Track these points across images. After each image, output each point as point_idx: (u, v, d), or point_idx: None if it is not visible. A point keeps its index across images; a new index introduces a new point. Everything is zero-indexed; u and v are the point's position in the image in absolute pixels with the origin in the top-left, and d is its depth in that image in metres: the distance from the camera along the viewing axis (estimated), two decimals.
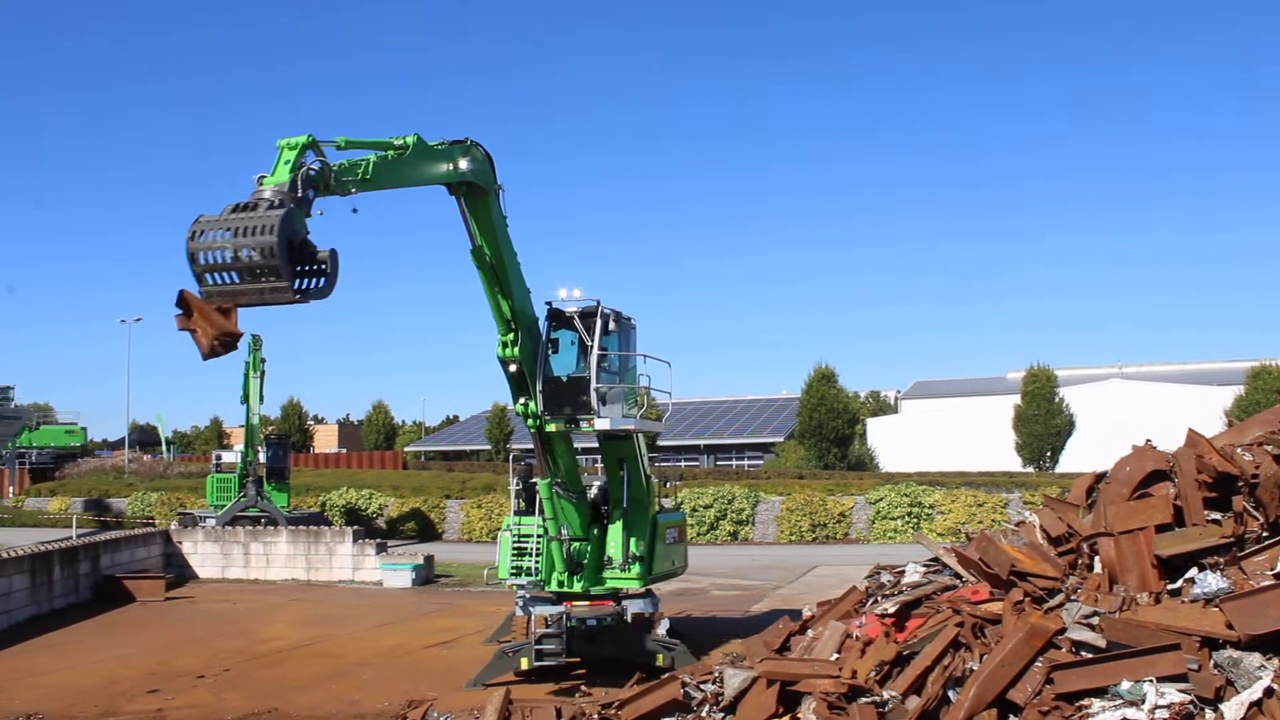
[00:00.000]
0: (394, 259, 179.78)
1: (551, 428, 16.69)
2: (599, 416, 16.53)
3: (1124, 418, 54.46)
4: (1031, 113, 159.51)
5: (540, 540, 17.66)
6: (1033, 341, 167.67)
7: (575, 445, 17.84)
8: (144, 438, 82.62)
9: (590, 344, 16.70)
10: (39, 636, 22.51)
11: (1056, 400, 55.63)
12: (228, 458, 43.45)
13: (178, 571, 32.15)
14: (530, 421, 16.77)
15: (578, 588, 17.46)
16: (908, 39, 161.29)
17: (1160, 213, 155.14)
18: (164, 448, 71.86)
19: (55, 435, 65.12)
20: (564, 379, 16.78)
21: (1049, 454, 55.15)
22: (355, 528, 34.47)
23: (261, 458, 39.87)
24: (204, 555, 32.85)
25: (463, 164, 14.84)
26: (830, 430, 56.97)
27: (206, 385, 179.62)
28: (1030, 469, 54.24)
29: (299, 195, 11.47)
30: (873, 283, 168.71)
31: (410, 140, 14.15)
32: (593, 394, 16.52)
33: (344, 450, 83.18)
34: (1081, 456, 48.27)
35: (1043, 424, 54.95)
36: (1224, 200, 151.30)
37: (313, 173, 11.78)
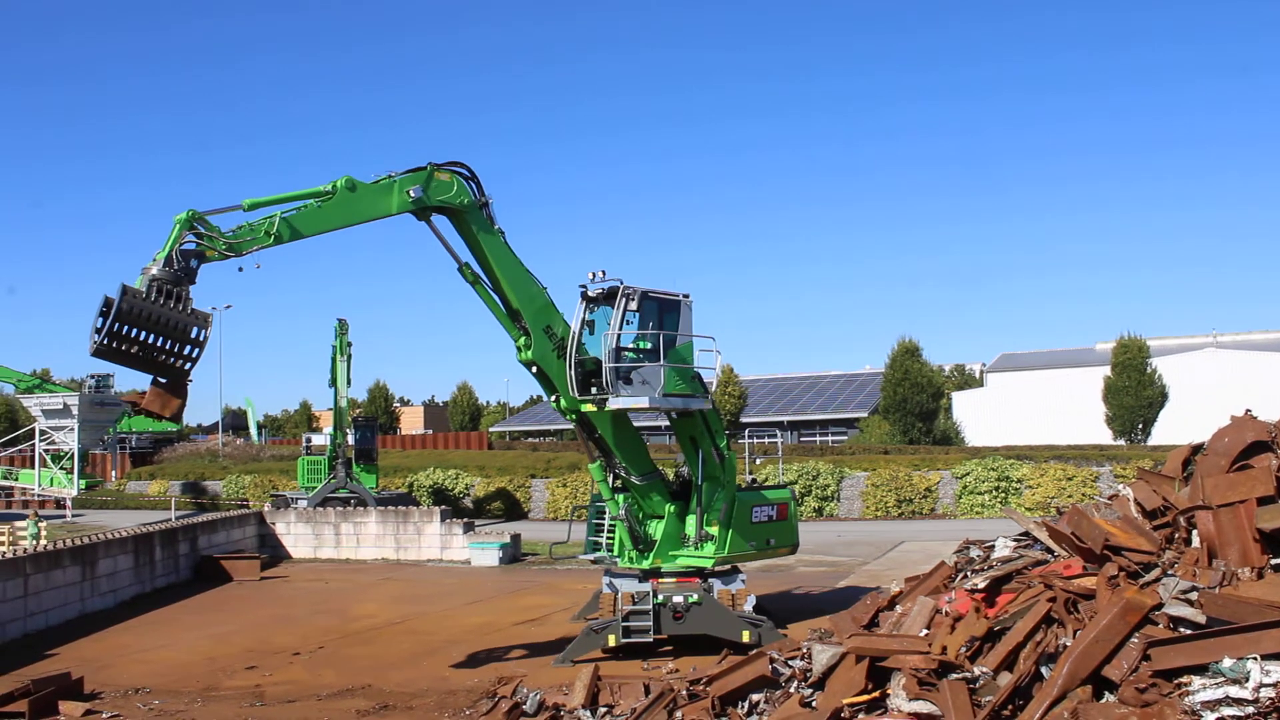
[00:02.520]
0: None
1: (585, 408, 16.82)
2: (614, 396, 16.55)
3: (1219, 388, 53.03)
4: (1114, 84, 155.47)
5: (612, 519, 17.92)
6: (1122, 312, 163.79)
7: (640, 425, 17.85)
8: (236, 422, 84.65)
9: (611, 325, 16.69)
10: (143, 614, 23.27)
11: (1148, 371, 54.28)
12: (317, 440, 44.29)
13: (271, 552, 32.95)
14: (568, 416, 17.10)
15: (645, 565, 17.57)
16: (991, 6, 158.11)
17: (1254, 180, 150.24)
18: (254, 432, 73.42)
19: (153, 421, 66.85)
20: (588, 361, 16.87)
21: (1141, 426, 53.87)
22: (442, 508, 34.96)
23: (350, 440, 40.59)
24: (296, 536, 33.62)
25: (412, 193, 15.12)
26: (915, 405, 56.34)
27: (295, 369, 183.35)
28: (1121, 442, 53.06)
29: (175, 269, 13.43)
30: (957, 256, 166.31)
31: (340, 184, 14.66)
32: (606, 373, 16.51)
33: (430, 431, 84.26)
34: (1175, 428, 47.09)
35: (1134, 395, 53.67)
36: None
37: (189, 247, 13.74)
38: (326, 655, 18.38)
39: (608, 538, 18.47)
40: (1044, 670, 9.33)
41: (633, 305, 16.77)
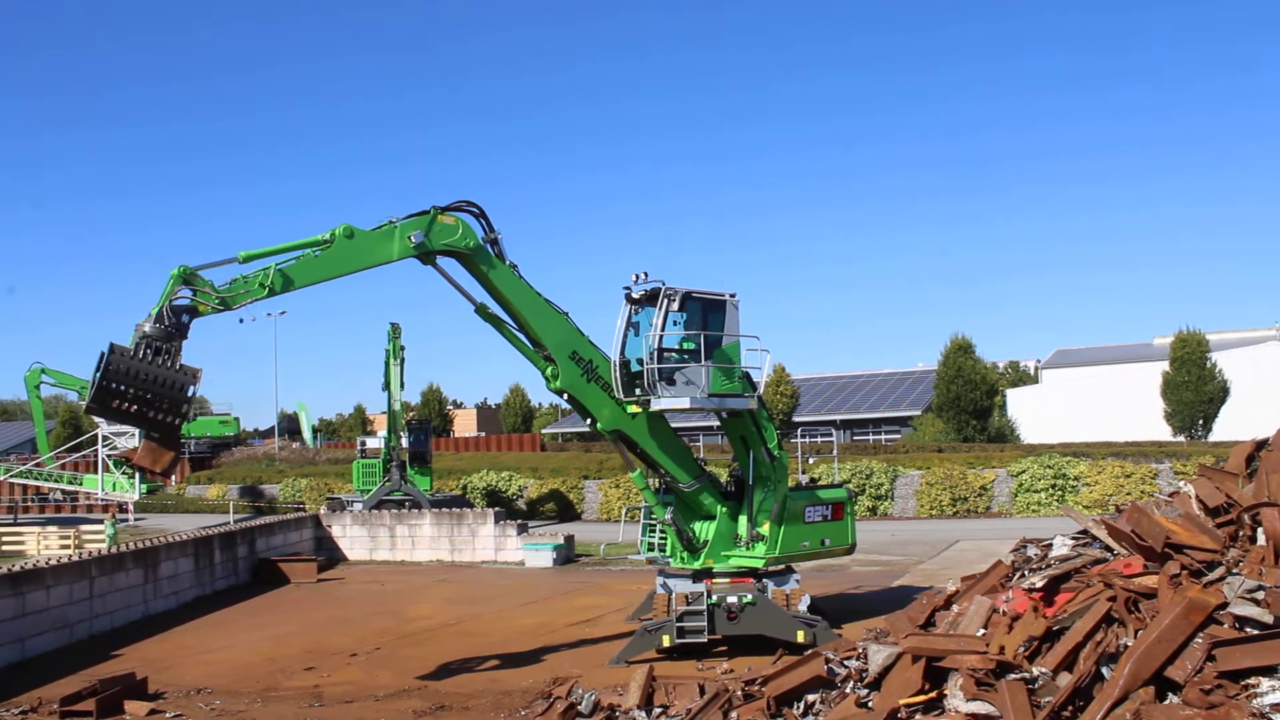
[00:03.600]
0: (528, 243, 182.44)
1: (630, 409, 16.87)
2: (657, 397, 16.60)
3: None
4: (1164, 80, 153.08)
5: (661, 524, 17.99)
6: (1179, 307, 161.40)
7: (694, 425, 17.89)
8: (292, 426, 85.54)
9: (653, 326, 16.72)
10: (203, 616, 23.64)
11: (1209, 365, 53.27)
12: (372, 444, 44.71)
13: (328, 554, 33.33)
14: (609, 436, 17.11)
15: (697, 565, 17.57)
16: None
17: None
18: (308, 436, 74.17)
19: (211, 426, 67.89)
20: (633, 363, 16.96)
21: (1201, 422, 52.86)
22: (496, 509, 35.18)
23: (404, 443, 40.93)
24: (352, 538, 33.97)
25: (414, 239, 14.91)
26: (968, 402, 55.75)
27: (349, 373, 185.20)
28: (1181, 438, 52.10)
29: (166, 325, 13.50)
30: (1010, 252, 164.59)
31: (338, 232, 14.48)
32: (647, 374, 16.55)
33: (483, 434, 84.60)
34: (1237, 424, 46.23)
35: (1194, 391, 52.68)
36: None
37: (181, 302, 13.80)
38: (383, 656, 18.55)
39: (660, 538, 18.49)
40: (1105, 671, 9.19)
41: (674, 306, 16.76)
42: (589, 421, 16.91)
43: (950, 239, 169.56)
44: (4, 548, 33.47)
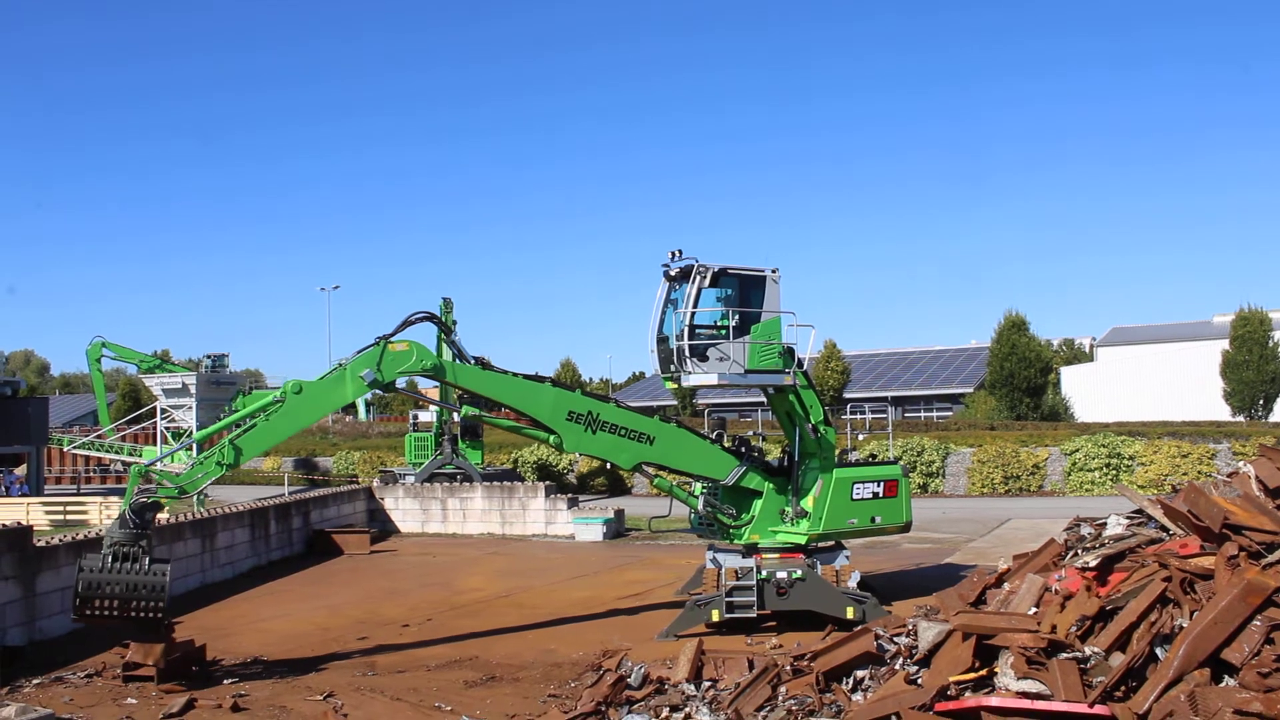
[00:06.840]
0: (576, 218, 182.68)
1: (668, 385, 17.32)
2: (686, 374, 16.66)
3: None
4: (1241, 59, 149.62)
5: (697, 515, 18.20)
6: (1240, 285, 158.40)
7: (742, 401, 17.97)
8: None
9: (685, 303, 16.73)
10: (259, 586, 24.02)
11: (1271, 344, 52.32)
12: (424, 417, 45.07)
13: (381, 526, 33.73)
14: (648, 474, 17.37)
15: (742, 540, 17.72)
16: None
17: None
18: (361, 410, 74.90)
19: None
20: (670, 340, 17.01)
21: (1261, 402, 52.01)
22: (547, 483, 35.32)
23: (456, 417, 41.21)
24: (404, 511, 34.34)
25: (365, 377, 14.95)
26: (1022, 380, 55.20)
27: None
28: (1240, 418, 51.31)
29: (131, 528, 14.11)
30: (1067, 229, 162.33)
31: (288, 389, 14.80)
32: (676, 352, 16.59)
33: None
34: None
35: (1255, 370, 51.81)
36: None
37: (142, 499, 14.42)
38: (434, 627, 18.74)
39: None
40: (1159, 652, 9.09)
41: (706, 282, 16.72)
42: (610, 466, 16.96)
43: (1006, 215, 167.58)
44: (68, 517, 34.31)
